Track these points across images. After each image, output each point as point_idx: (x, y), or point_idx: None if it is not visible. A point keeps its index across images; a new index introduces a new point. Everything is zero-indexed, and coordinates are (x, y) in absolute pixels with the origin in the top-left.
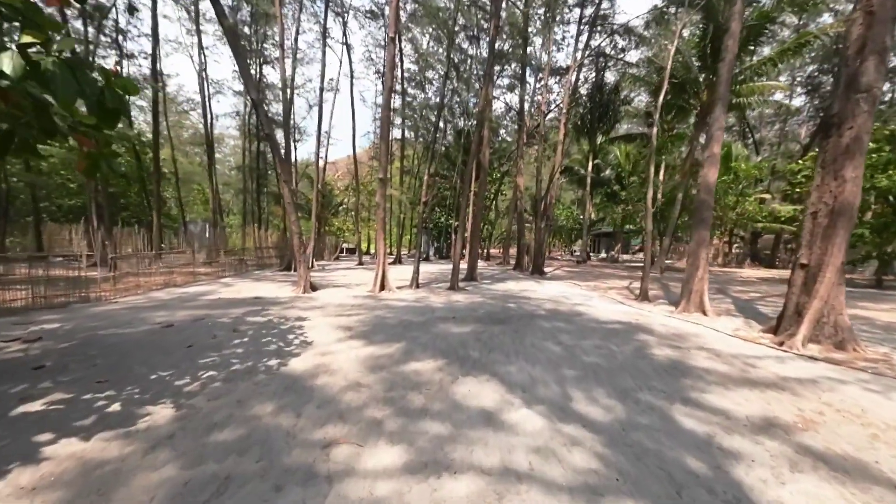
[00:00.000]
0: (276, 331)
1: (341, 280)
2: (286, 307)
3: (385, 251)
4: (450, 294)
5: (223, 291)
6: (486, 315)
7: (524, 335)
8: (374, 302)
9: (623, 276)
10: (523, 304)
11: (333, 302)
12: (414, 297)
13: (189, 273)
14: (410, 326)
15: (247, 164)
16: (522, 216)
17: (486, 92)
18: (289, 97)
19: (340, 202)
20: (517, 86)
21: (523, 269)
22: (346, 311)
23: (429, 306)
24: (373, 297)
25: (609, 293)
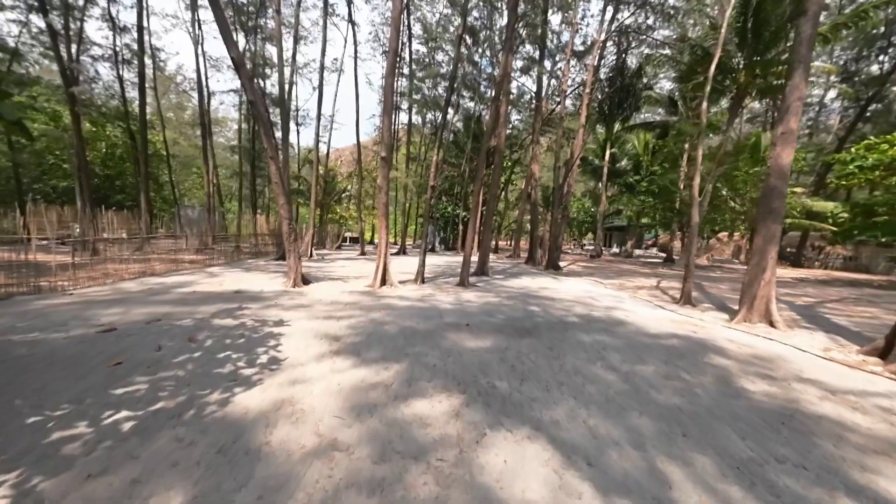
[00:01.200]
0: (243, 340)
1: (339, 272)
2: (267, 305)
3: (387, 241)
4: (459, 292)
5: (204, 283)
6: (507, 322)
7: (562, 354)
8: (372, 300)
9: (646, 274)
10: (548, 307)
11: (325, 299)
12: (419, 294)
13: (172, 261)
14: (414, 337)
15: (242, 144)
16: (536, 206)
17: (506, 61)
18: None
19: (344, 189)
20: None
21: (536, 263)
22: (338, 313)
23: (436, 308)
24: (372, 293)
25: (639, 293)
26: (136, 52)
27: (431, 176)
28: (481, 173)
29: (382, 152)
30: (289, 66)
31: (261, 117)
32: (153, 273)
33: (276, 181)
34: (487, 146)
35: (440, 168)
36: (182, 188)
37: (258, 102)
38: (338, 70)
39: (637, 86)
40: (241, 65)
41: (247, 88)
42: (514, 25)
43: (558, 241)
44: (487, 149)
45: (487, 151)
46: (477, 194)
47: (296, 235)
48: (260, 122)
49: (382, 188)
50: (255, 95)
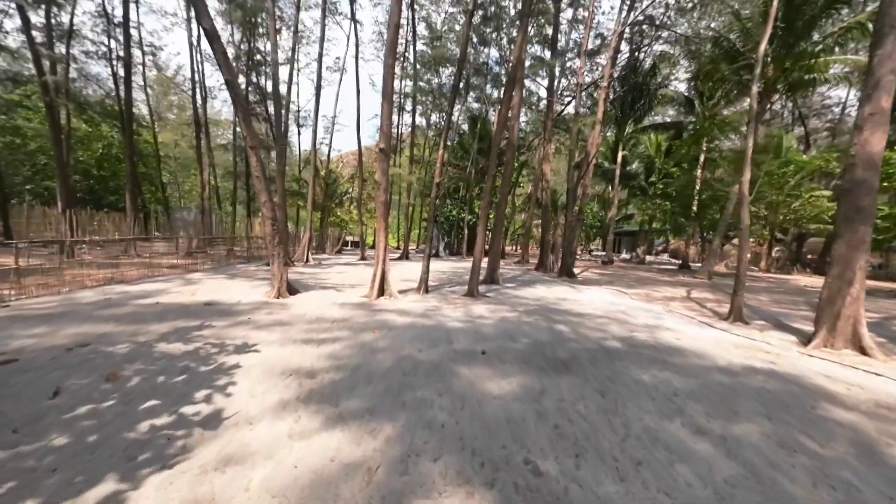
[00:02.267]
0: (183, 378)
1: (334, 279)
2: (236, 322)
3: (387, 245)
4: (469, 304)
5: (175, 292)
6: (534, 348)
7: (620, 402)
8: (365, 316)
9: (669, 283)
10: (579, 326)
11: (309, 314)
12: (422, 307)
13: (147, 265)
14: (415, 373)
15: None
16: (548, 209)
17: (522, 41)
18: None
19: (345, 191)
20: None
21: (548, 269)
22: (320, 335)
23: (442, 326)
24: (367, 306)
25: (672, 306)
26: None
27: (437, 172)
28: (493, 170)
29: (381, 143)
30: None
31: (238, 100)
32: (123, 280)
33: (256, 175)
34: (499, 139)
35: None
36: (182, 190)
37: (234, 83)
38: (340, 69)
39: (651, 85)
40: (214, 37)
41: (221, 65)
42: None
43: (572, 247)
44: (499, 141)
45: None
46: (487, 194)
47: (281, 238)
48: (237, 106)
49: (381, 185)
50: (230, 74)
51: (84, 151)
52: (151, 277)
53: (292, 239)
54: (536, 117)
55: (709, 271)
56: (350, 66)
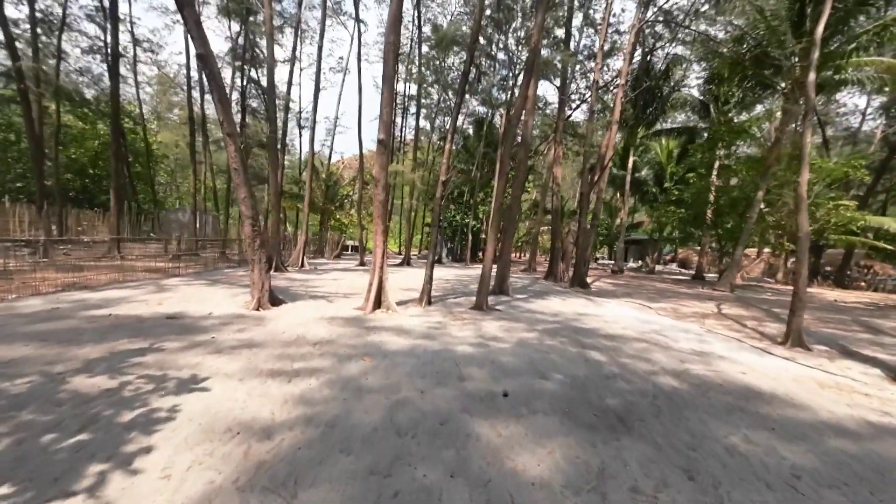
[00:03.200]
0: (76, 441)
1: (328, 286)
2: (193, 344)
3: (385, 250)
4: (479, 320)
5: (139, 301)
6: (573, 390)
7: (722, 493)
8: (356, 335)
9: (690, 295)
10: (616, 354)
11: (288, 333)
12: (424, 324)
13: (119, 269)
14: (415, 433)
15: None
16: (559, 214)
17: (539, 26)
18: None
19: (346, 194)
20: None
21: (558, 279)
22: (295, 363)
23: (450, 352)
24: (360, 322)
25: (707, 324)
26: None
27: (443, 169)
28: (505, 169)
29: (380, 133)
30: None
31: (213, 78)
32: (87, 285)
33: (234, 167)
34: (513, 133)
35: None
36: (181, 191)
37: (209, 58)
38: (343, 70)
39: (664, 88)
40: (185, 2)
41: (194, 37)
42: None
43: (586, 255)
44: (513, 135)
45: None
46: (499, 195)
47: (263, 241)
48: (213, 85)
49: (379, 181)
50: (204, 47)
51: (77, 149)
52: (122, 283)
53: (289, 242)
54: (544, 120)
55: (730, 283)
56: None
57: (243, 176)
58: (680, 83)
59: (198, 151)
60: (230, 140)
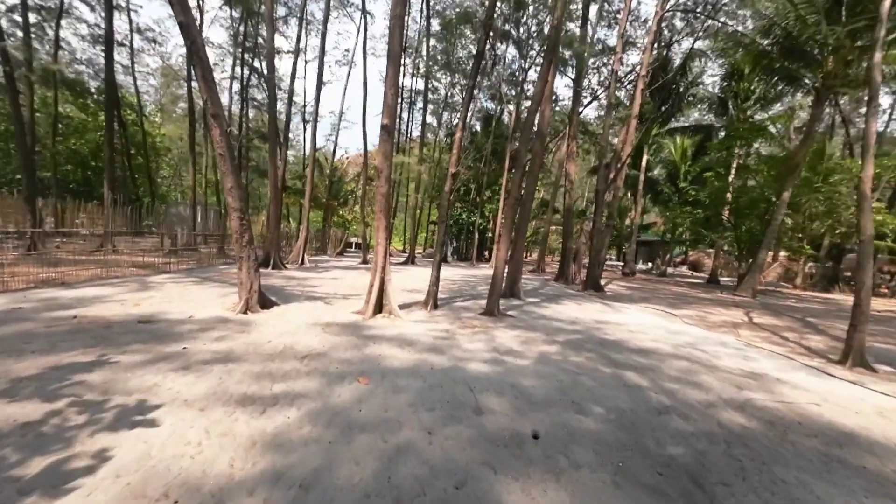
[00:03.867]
0: None
1: (326, 286)
2: (158, 357)
3: (387, 248)
4: (491, 328)
5: (115, 300)
6: (622, 432)
7: None
8: (352, 346)
9: (711, 301)
10: (657, 376)
11: (274, 343)
12: (430, 333)
13: (103, 263)
14: (421, 502)
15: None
16: (571, 213)
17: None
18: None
19: (351, 190)
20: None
21: (569, 281)
22: (275, 385)
23: (461, 372)
24: (357, 329)
25: (743, 335)
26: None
27: (453, 160)
28: (521, 160)
29: (384, 118)
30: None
31: (196, 51)
32: (65, 281)
33: (220, 152)
34: (531, 121)
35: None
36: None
37: (191, 27)
38: (349, 63)
39: (680, 84)
40: None
41: (173, 1)
42: None
43: (600, 256)
44: (531, 122)
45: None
46: (516, 187)
47: (248, 237)
48: (195, 60)
49: (382, 172)
50: (185, 16)
51: (78, 140)
52: (105, 279)
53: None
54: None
55: (752, 288)
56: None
57: (230, 163)
58: (697, 79)
59: (198, 144)
60: (214, 122)
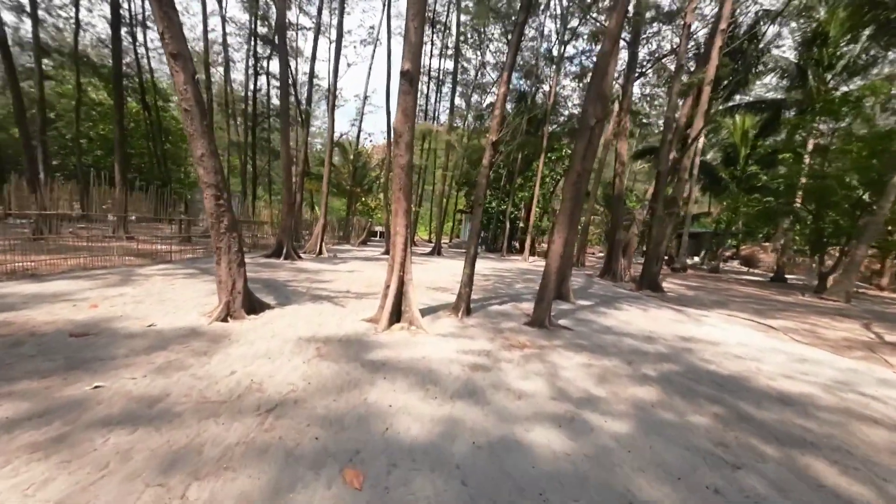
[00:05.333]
0: None
1: (341, 281)
2: (19, 416)
3: (408, 238)
4: (546, 350)
5: (79, 297)
6: None
7: None
8: (346, 391)
9: (799, 306)
10: (851, 460)
11: (230, 384)
12: (463, 362)
13: (89, 251)
14: None
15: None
16: (622, 200)
17: None
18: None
19: (375, 176)
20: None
21: (617, 278)
22: (193, 488)
23: (515, 448)
24: (365, 348)
25: (893, 362)
26: None
27: (494, 126)
28: (588, 123)
29: (405, 62)
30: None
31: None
32: (35, 272)
33: (185, 107)
34: (604, 66)
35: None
36: None
37: None
38: (373, 41)
39: (749, 53)
40: None
41: None
42: None
43: (660, 250)
44: (603, 70)
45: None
46: (578, 159)
47: (231, 222)
48: None
49: (402, 135)
50: None
51: (106, 125)
52: (88, 269)
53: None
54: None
55: (846, 292)
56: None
57: (199, 123)
58: (770, 44)
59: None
60: (176, 64)
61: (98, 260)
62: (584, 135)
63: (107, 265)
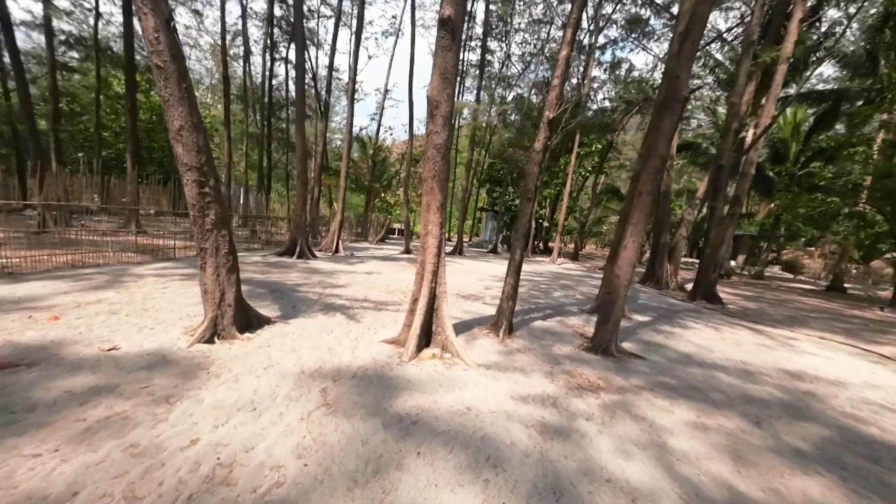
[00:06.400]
0: None
1: (357, 285)
2: None
3: (442, 241)
4: (626, 392)
5: (44, 305)
6: None
7: None
8: (365, 482)
9: (885, 323)
10: None
11: (183, 473)
12: (522, 414)
13: (92, 245)
14: None
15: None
16: (669, 197)
17: None
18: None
19: (395, 172)
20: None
21: (662, 284)
22: None
23: None
24: (384, 398)
25: None
26: None
27: (552, 98)
28: (681, 91)
29: (445, 7)
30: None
31: None
32: (13, 272)
33: (157, 62)
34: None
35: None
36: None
37: None
38: (395, 32)
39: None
40: None
41: None
42: None
43: (718, 256)
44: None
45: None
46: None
47: (220, 215)
48: None
49: (440, 105)
50: None
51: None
52: (78, 268)
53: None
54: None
55: None
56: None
57: (176, 85)
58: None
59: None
60: (143, 5)
61: (92, 256)
62: (674, 109)
63: (100, 262)
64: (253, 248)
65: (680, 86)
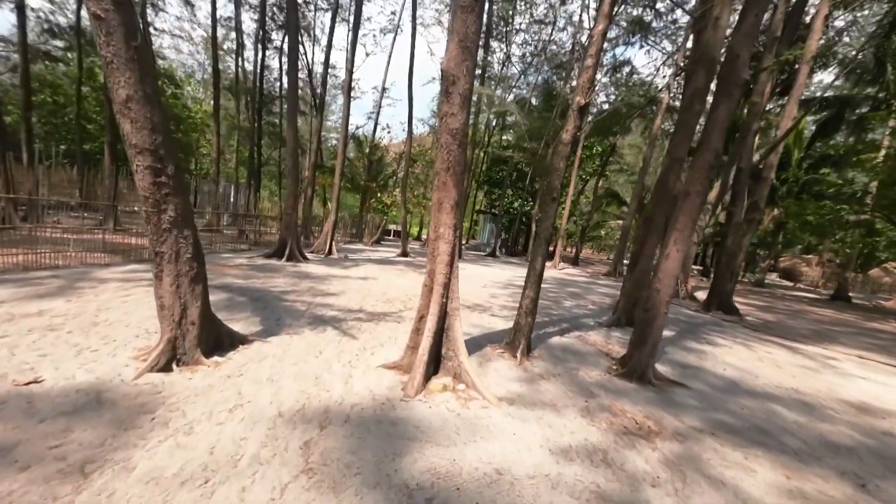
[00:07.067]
0: None
1: (350, 293)
2: None
3: (455, 248)
4: (689, 441)
5: None
6: None
7: None
8: None
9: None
10: None
11: None
12: (570, 486)
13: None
14: None
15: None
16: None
17: None
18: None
19: (392, 172)
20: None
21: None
22: None
23: None
24: (385, 456)
25: None
26: None
27: (583, 81)
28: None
29: None
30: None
31: None
32: None
33: (96, 9)
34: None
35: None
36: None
37: None
38: (394, 29)
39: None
40: None
41: None
42: None
43: (735, 264)
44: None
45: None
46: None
47: (180, 211)
48: None
49: (457, 80)
50: None
51: None
52: (28, 270)
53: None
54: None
55: None
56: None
57: (123, 41)
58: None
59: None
60: None
61: (50, 256)
62: (732, 95)
63: (59, 264)
64: (240, 249)
65: (740, 67)
